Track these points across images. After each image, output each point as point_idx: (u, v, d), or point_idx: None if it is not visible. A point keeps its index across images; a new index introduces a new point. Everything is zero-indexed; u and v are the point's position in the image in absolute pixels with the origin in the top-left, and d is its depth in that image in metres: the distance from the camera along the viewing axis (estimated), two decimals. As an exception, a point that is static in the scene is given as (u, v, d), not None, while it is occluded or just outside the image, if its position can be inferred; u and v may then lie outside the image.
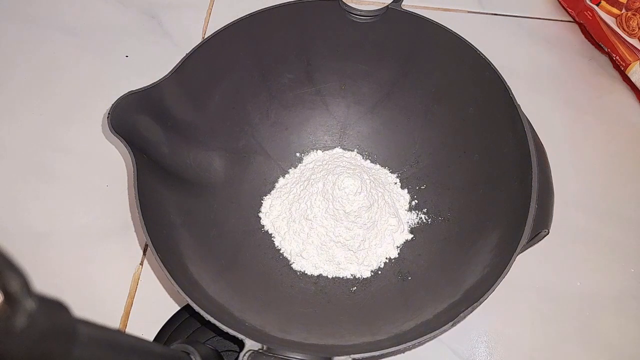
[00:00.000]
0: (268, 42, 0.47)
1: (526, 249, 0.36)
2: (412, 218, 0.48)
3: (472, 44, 0.43)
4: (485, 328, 0.45)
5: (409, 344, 0.33)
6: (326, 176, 0.46)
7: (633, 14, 0.55)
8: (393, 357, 0.43)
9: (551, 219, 0.37)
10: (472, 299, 0.34)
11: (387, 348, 0.33)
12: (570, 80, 0.57)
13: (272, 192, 0.49)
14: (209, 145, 0.46)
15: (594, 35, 0.58)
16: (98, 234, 0.49)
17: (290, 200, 0.47)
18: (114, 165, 0.52)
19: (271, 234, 0.47)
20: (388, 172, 0.50)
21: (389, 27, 0.46)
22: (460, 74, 0.45)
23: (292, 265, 0.45)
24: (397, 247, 0.46)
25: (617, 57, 0.56)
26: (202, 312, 0.34)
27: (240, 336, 0.33)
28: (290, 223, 0.46)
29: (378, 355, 0.33)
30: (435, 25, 0.45)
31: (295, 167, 0.50)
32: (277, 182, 0.50)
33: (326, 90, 0.50)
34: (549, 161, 0.40)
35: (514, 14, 0.62)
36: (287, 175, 0.50)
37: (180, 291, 0.34)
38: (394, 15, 0.46)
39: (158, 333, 0.43)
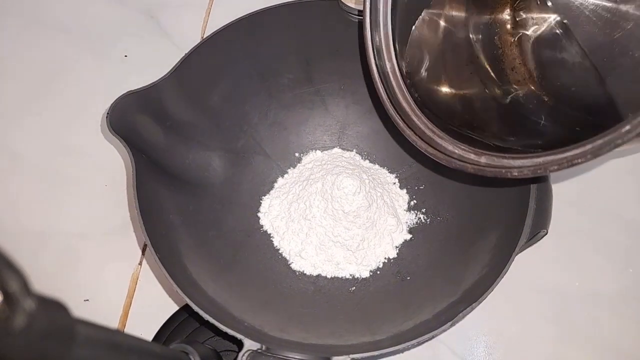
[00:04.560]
0: (267, 42, 0.47)
1: (525, 249, 0.36)
2: (411, 218, 0.48)
3: (471, 44, 0.43)
4: (484, 328, 0.45)
5: (408, 343, 0.33)
6: (325, 176, 0.46)
7: None
8: (392, 357, 0.43)
9: (550, 219, 0.37)
10: (471, 298, 0.34)
11: (386, 348, 0.33)
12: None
13: (271, 192, 0.49)
14: (207, 145, 0.46)
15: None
16: (97, 234, 0.49)
17: (289, 200, 0.47)
18: (112, 165, 0.52)
19: (270, 233, 0.47)
20: (387, 172, 0.50)
21: (388, 27, 0.46)
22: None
23: (291, 265, 0.45)
24: (396, 247, 0.46)
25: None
26: (201, 312, 0.34)
27: (239, 336, 0.33)
28: (289, 223, 0.46)
29: (377, 355, 0.33)
30: (434, 26, 0.45)
31: (294, 167, 0.50)
32: (276, 182, 0.50)
33: (325, 90, 0.50)
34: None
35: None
36: (286, 175, 0.50)
37: (179, 291, 0.34)
38: (393, 15, 0.46)
39: (157, 333, 0.43)
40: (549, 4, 0.41)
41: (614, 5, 0.37)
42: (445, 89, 0.42)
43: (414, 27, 0.40)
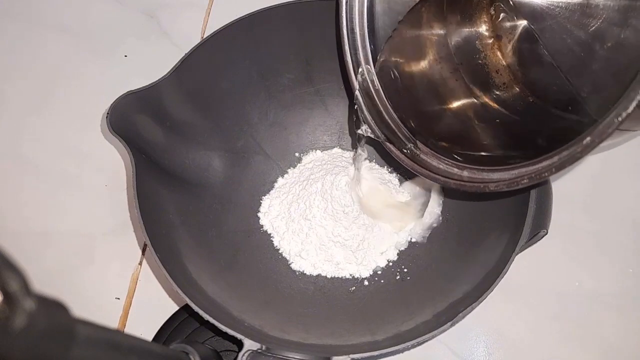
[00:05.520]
0: (267, 42, 0.47)
1: (525, 249, 0.36)
2: (411, 218, 0.48)
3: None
4: (484, 328, 0.45)
5: (408, 343, 0.33)
6: (325, 176, 0.46)
7: None
8: (392, 357, 0.43)
9: (550, 219, 0.37)
10: (471, 298, 0.34)
11: (386, 348, 0.33)
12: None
13: (271, 192, 0.49)
14: (207, 145, 0.46)
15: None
16: (97, 234, 0.49)
17: (289, 200, 0.47)
18: (112, 165, 0.52)
19: (270, 233, 0.47)
20: (387, 172, 0.50)
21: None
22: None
23: (291, 265, 0.45)
24: (396, 248, 0.46)
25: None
26: (201, 312, 0.34)
27: (239, 336, 0.33)
28: (289, 223, 0.46)
29: (377, 355, 0.33)
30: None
31: (294, 167, 0.50)
32: (276, 182, 0.50)
33: (325, 90, 0.50)
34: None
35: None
36: (286, 175, 0.50)
37: (179, 291, 0.34)
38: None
39: (157, 333, 0.43)
40: (519, 9, 0.42)
41: (583, 2, 0.38)
42: (429, 104, 0.43)
43: (391, 45, 0.40)
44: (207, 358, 0.32)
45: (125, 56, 0.58)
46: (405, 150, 0.39)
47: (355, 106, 0.41)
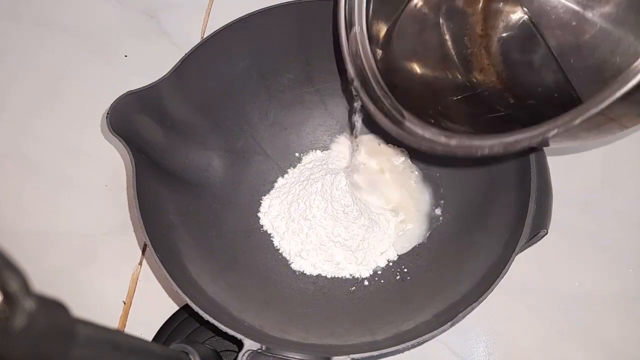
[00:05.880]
0: (267, 42, 0.47)
1: (525, 249, 0.36)
2: (411, 218, 0.48)
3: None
4: (484, 328, 0.45)
5: (408, 343, 0.33)
6: (325, 176, 0.46)
7: None
8: (392, 357, 0.43)
9: (550, 219, 0.37)
10: (471, 298, 0.34)
11: (386, 348, 0.33)
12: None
13: (271, 192, 0.49)
14: (207, 145, 0.46)
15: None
16: (97, 234, 0.49)
17: (289, 200, 0.47)
18: (112, 165, 0.52)
19: (270, 233, 0.47)
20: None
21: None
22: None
23: (291, 265, 0.45)
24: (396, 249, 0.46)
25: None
26: (201, 312, 0.34)
27: (239, 336, 0.33)
28: (289, 223, 0.46)
29: (377, 355, 0.33)
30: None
31: (295, 167, 0.50)
32: (276, 182, 0.50)
33: (325, 90, 0.50)
34: (548, 161, 0.40)
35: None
36: (286, 175, 0.50)
37: (179, 291, 0.34)
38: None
39: (157, 333, 0.43)
40: (521, 5, 0.41)
41: (581, 10, 0.38)
42: (417, 80, 0.42)
43: (386, 15, 0.40)
44: (207, 358, 0.32)
45: (125, 56, 0.58)
46: (390, 117, 0.38)
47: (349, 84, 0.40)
